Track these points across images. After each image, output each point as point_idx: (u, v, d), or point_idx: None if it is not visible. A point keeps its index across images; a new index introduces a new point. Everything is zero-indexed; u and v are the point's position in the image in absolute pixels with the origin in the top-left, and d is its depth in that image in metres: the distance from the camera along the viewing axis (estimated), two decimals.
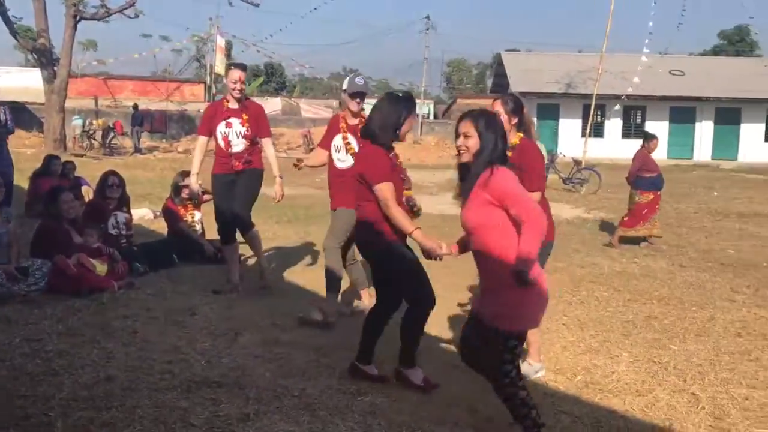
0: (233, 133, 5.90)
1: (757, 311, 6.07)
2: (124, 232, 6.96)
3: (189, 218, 7.50)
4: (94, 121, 28.61)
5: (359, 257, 5.48)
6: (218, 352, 4.47)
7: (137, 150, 26.68)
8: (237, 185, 5.96)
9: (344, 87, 5.43)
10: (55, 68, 24.00)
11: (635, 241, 9.37)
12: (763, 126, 32.52)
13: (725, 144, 32.31)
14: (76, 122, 27.30)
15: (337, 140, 5.42)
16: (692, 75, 33.14)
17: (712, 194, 17.34)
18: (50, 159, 10.47)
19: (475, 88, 67.14)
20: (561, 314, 5.76)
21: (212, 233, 8.18)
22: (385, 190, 3.86)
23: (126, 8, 24.53)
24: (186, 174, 7.58)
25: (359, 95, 5.37)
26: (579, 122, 30.91)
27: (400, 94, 4.22)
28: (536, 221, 3.11)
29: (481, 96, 42.31)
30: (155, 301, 5.60)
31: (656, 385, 4.28)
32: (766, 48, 63.15)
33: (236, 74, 5.86)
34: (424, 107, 39.20)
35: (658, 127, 32.10)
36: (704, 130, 32.64)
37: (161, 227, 8.44)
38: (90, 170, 13.80)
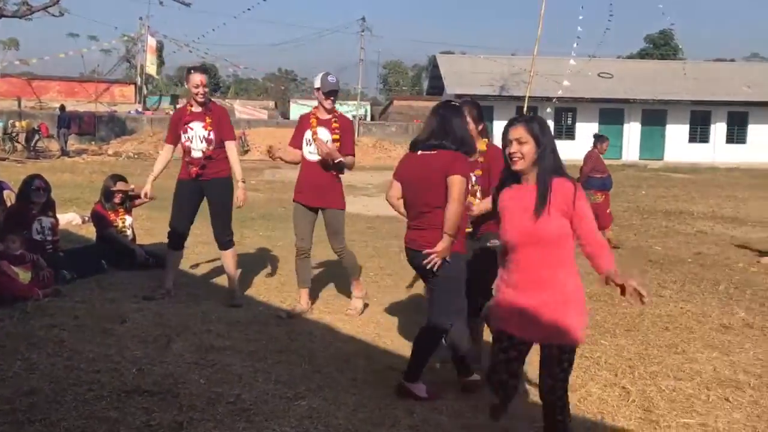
0: (196, 138, 5.75)
1: (683, 305, 6.29)
2: (49, 238, 6.69)
3: (119, 223, 7.27)
4: (17, 123, 27.49)
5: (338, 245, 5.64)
6: (150, 360, 4.35)
7: (64, 153, 25.79)
8: (210, 201, 5.82)
9: (317, 85, 5.54)
10: None
11: None
12: (687, 127, 33.87)
13: (652, 144, 33.52)
14: None
15: (308, 134, 5.56)
16: (620, 78, 34.25)
17: (640, 193, 17.93)
18: None
19: (412, 90, 67.66)
20: None
21: (144, 239, 7.99)
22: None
23: (50, 6, 23.58)
24: (118, 178, 7.39)
25: (333, 93, 5.53)
26: None
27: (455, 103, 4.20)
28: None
29: (418, 98, 42.68)
30: (83, 309, 5.41)
31: (588, 380, 4.37)
32: (689, 52, 65.88)
33: (197, 78, 5.68)
34: (360, 109, 39.26)
35: (588, 129, 32.96)
36: (632, 131, 33.77)
37: (90, 232, 8.18)
38: (13, 174, 13.24)
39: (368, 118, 41.08)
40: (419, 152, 4.00)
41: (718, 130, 33.92)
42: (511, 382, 3.25)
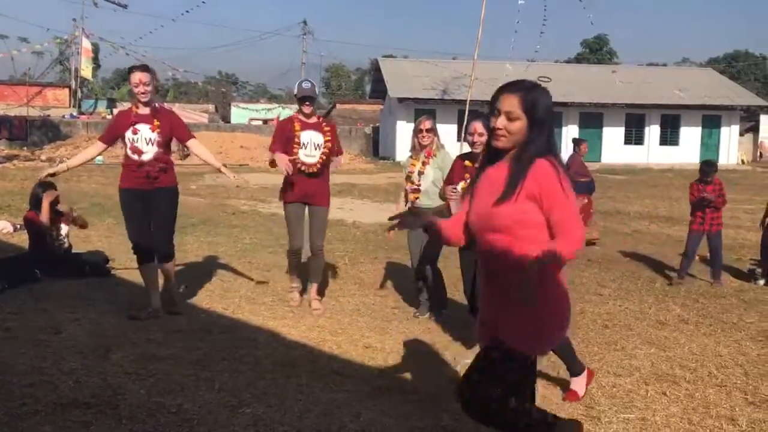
0: (142, 140, 5.43)
1: (621, 303, 6.46)
2: None
3: (54, 232, 7.02)
4: None
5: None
6: (87, 371, 4.20)
7: None
8: (156, 210, 5.52)
9: (294, 92, 5.83)
10: None
11: None
12: (622, 129, 34.86)
13: (589, 147, 34.15)
14: None
15: (303, 137, 5.78)
16: (558, 81, 34.99)
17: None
18: None
19: (354, 93, 67.72)
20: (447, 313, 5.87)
21: (80, 245, 7.74)
22: None
23: None
24: (47, 186, 7.07)
25: (307, 99, 5.73)
26: (455, 127, 31.72)
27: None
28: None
29: (361, 101, 42.70)
30: (15, 320, 5.20)
31: None
32: (623, 56, 67.89)
33: (136, 77, 5.39)
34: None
35: None
36: (570, 134, 34.52)
37: (22, 241, 7.89)
38: None
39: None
40: None
41: (652, 132, 35.04)
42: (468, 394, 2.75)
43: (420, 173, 5.69)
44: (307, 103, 5.74)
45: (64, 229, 7.13)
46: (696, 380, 4.47)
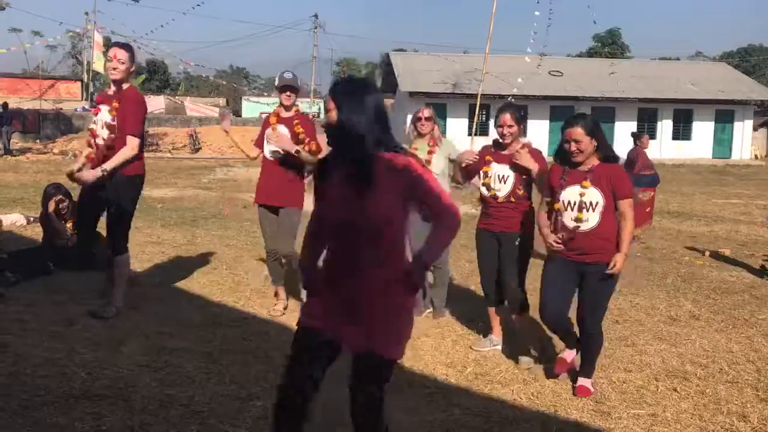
0: (99, 122, 5.09)
1: (632, 299, 6.43)
2: None
3: (61, 232, 7.03)
4: None
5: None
6: (100, 364, 4.24)
7: (7, 152, 25.00)
8: (107, 199, 5.12)
9: (276, 83, 5.55)
10: None
11: None
12: (635, 124, 34.60)
13: None
14: None
15: (268, 132, 5.47)
16: (570, 75, 34.82)
17: None
18: None
19: None
20: (451, 310, 5.86)
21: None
22: None
23: None
24: (58, 189, 7.09)
25: (288, 88, 5.43)
26: (465, 121, 31.73)
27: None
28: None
29: None
30: (29, 313, 5.24)
31: (541, 374, 4.43)
32: (636, 51, 67.39)
33: (111, 51, 5.06)
34: (314, 106, 39.07)
35: (540, 126, 33.52)
36: None
37: (35, 233, 7.95)
38: None
39: (322, 116, 40.91)
40: None
41: (665, 127, 34.80)
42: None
43: (427, 162, 5.31)
44: (288, 93, 5.43)
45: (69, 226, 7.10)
46: (707, 377, 4.45)
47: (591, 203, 3.97)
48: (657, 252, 8.99)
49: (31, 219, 9.07)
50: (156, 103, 38.79)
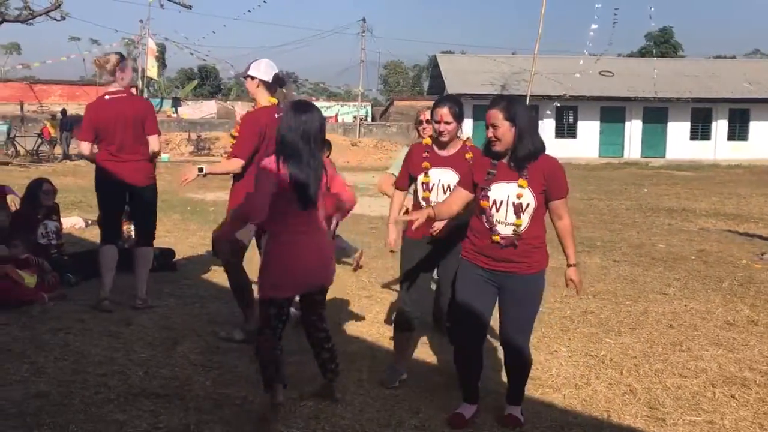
0: None
1: (687, 303, 6.29)
2: (54, 242, 6.70)
3: (126, 232, 7.25)
4: (48, 125, 27.06)
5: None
6: (156, 362, 4.36)
7: (66, 156, 25.80)
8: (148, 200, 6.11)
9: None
10: None
11: None
12: (688, 125, 33.83)
13: (653, 142, 33.48)
14: (1, 129, 26.21)
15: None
16: (621, 75, 34.20)
17: (642, 191, 17.91)
18: None
19: (412, 90, 67.58)
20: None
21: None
22: None
23: (51, 10, 23.60)
24: None
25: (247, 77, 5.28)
26: None
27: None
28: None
29: (419, 98, 42.64)
30: (88, 313, 5.42)
31: (594, 378, 4.38)
32: (689, 49, 65.43)
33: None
34: (362, 110, 39.27)
35: (590, 127, 33.03)
36: (633, 129, 33.73)
37: (93, 236, 8.18)
38: (16, 179, 13.30)
39: (369, 119, 41.10)
40: None
41: (720, 127, 33.88)
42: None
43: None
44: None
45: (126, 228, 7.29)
46: (767, 384, 4.33)
47: (524, 205, 3.43)
48: (713, 255, 8.76)
49: (89, 222, 9.35)
50: (208, 108, 39.52)
